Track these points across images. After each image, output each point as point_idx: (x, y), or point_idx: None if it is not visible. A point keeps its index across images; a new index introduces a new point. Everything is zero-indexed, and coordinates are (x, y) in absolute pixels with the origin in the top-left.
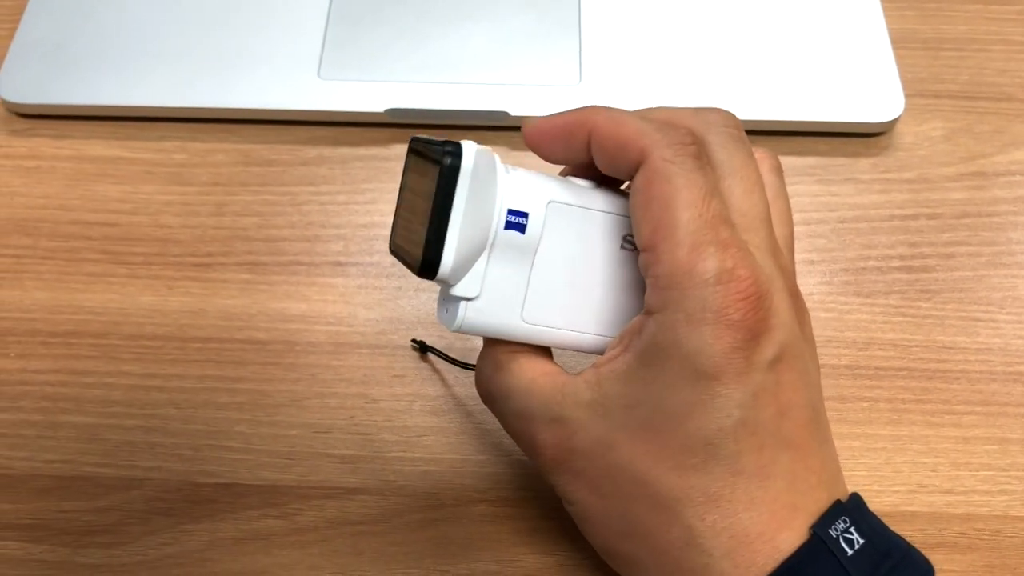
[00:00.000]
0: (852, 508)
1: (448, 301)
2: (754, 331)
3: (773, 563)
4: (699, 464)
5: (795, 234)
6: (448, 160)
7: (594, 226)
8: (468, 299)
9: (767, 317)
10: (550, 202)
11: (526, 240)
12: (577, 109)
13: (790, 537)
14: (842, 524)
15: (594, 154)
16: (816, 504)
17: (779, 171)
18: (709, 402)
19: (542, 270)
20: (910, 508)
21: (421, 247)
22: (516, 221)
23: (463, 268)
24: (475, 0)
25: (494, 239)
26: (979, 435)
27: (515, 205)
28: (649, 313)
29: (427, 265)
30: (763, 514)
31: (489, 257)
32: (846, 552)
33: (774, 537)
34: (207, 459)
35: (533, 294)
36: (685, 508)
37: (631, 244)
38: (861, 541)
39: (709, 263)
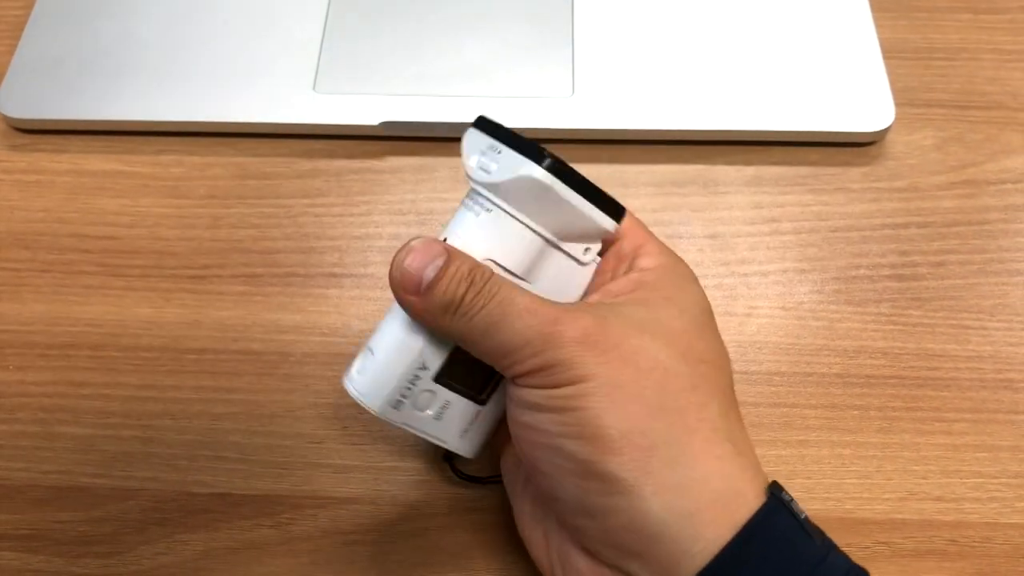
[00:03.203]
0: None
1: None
2: None
3: (762, 481)
4: (713, 367)
5: (787, 243)
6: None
7: None
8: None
9: None
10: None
11: None
12: None
13: (757, 479)
14: (788, 495)
15: None
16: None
17: None
18: (709, 330)
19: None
20: (900, 515)
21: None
22: None
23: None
24: (469, 14)
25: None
26: (969, 442)
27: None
28: (646, 269)
29: None
30: (745, 437)
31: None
32: (799, 514)
33: (753, 454)
34: (202, 469)
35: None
36: (713, 395)
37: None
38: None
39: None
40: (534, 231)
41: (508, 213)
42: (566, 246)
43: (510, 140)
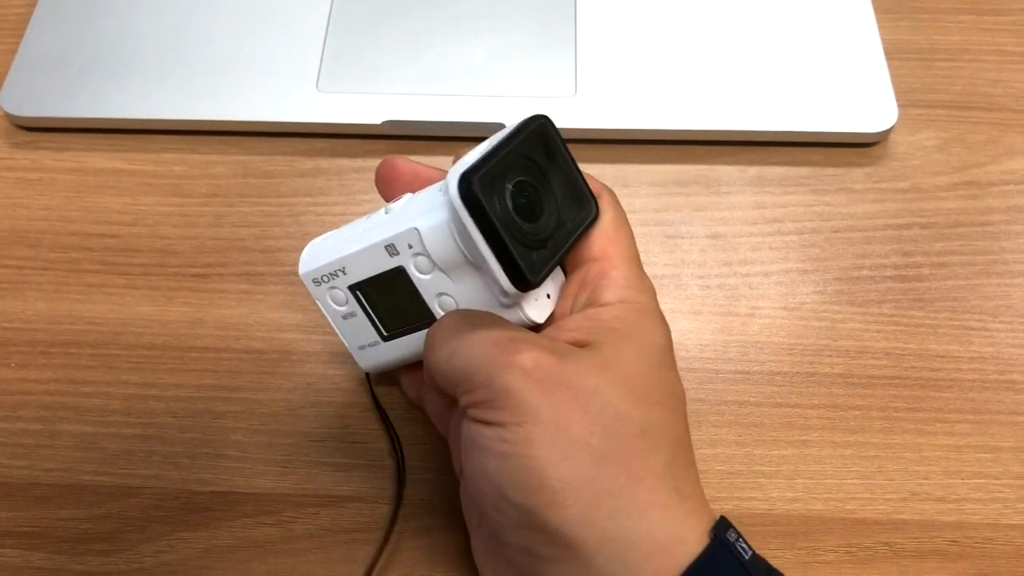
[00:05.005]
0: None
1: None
2: None
3: (708, 523)
4: (667, 409)
5: (790, 243)
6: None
7: None
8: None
9: None
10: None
11: None
12: None
13: (702, 523)
14: (734, 534)
15: None
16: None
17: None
18: (667, 369)
19: None
20: (902, 516)
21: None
22: None
23: None
24: (472, 13)
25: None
26: (971, 443)
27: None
28: (605, 304)
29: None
30: (693, 478)
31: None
32: (744, 554)
33: (700, 496)
34: (203, 467)
35: None
36: (661, 441)
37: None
38: (750, 552)
39: (647, 280)
40: (456, 240)
41: (449, 210)
42: (486, 276)
43: (505, 147)
